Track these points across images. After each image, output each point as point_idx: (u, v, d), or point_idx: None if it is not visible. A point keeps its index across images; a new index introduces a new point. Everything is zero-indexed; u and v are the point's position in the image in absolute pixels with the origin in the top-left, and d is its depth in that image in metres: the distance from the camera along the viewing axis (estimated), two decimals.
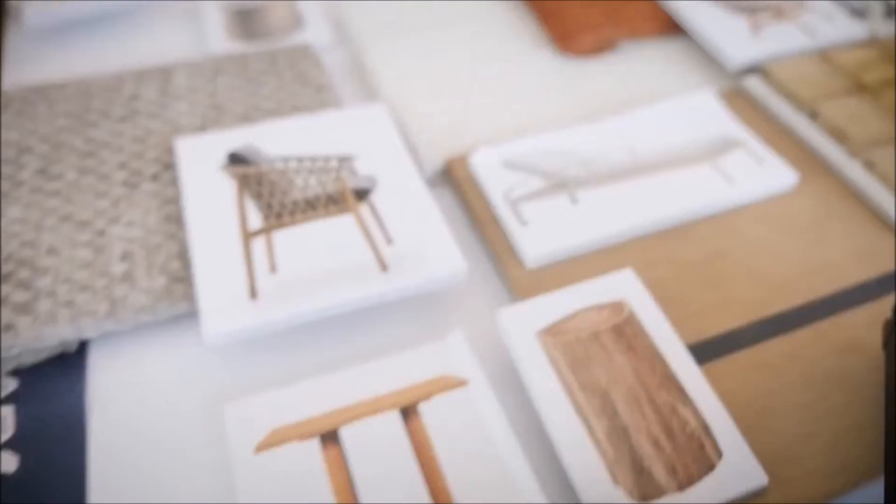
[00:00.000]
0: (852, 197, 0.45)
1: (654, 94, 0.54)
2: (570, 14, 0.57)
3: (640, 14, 0.58)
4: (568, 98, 0.53)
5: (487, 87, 0.54)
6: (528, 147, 0.47)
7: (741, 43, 0.54)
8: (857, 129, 0.47)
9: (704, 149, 0.47)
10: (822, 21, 0.57)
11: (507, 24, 0.60)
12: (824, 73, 0.52)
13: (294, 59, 0.54)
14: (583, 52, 0.56)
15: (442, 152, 0.48)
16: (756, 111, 0.52)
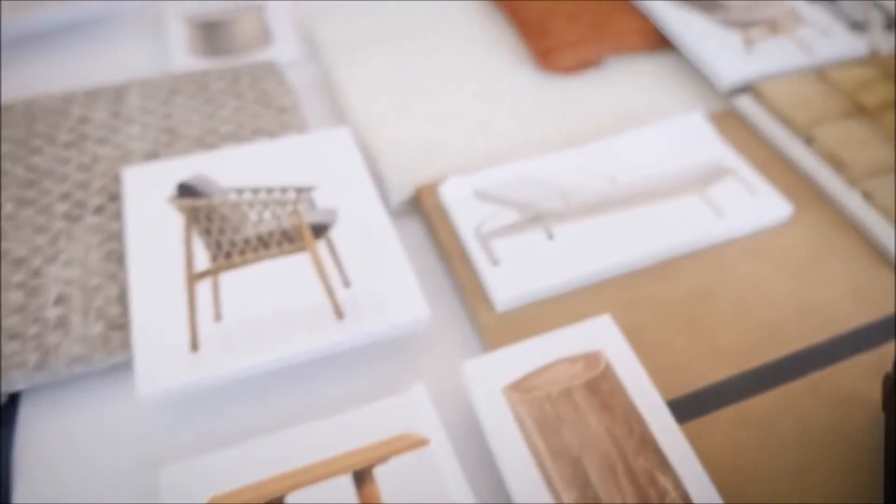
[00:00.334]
0: (850, 230, 0.42)
1: (641, 114, 0.50)
2: (552, 28, 0.54)
3: (627, 28, 0.54)
4: (548, 119, 0.50)
5: (463, 107, 0.50)
6: (502, 175, 0.44)
7: (733, 60, 0.51)
8: (855, 157, 0.44)
9: (692, 177, 0.44)
10: (819, 36, 0.54)
11: (486, 38, 0.56)
12: (821, 93, 0.49)
13: (257, 76, 0.51)
14: (565, 69, 0.53)
15: (411, 180, 0.45)
16: (748, 133, 0.48)
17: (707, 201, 0.42)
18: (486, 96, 0.51)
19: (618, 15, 0.56)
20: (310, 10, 0.60)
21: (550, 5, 0.56)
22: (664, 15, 0.55)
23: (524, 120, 0.50)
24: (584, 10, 0.56)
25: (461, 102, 0.51)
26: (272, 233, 0.39)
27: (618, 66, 0.54)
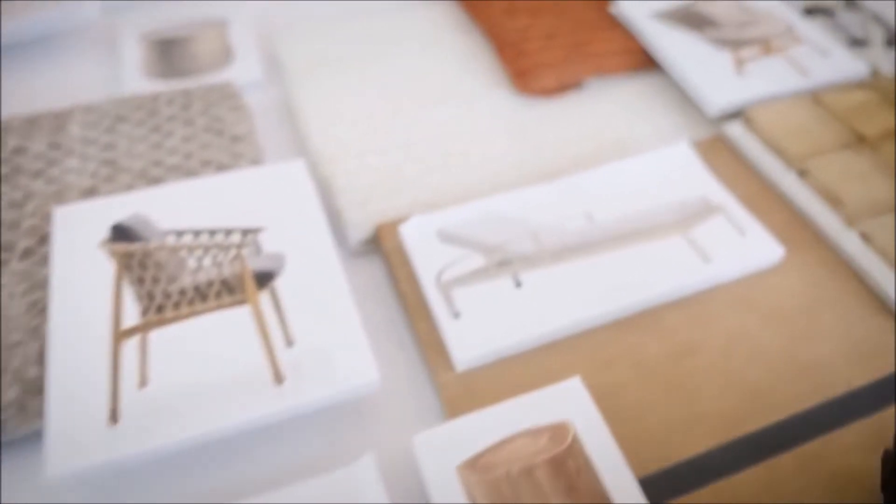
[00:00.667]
0: (847, 275, 0.39)
1: (624, 141, 0.47)
2: (529, 48, 0.50)
3: (609, 48, 0.51)
4: (523, 147, 0.46)
5: (432, 135, 0.47)
6: (470, 213, 0.40)
7: (722, 83, 0.48)
8: (852, 194, 0.40)
9: (676, 216, 0.40)
10: (816, 55, 0.51)
11: (461, 58, 0.53)
12: (816, 119, 0.45)
13: (212, 100, 0.47)
14: (542, 92, 0.49)
15: (372, 217, 0.42)
16: (738, 163, 0.45)
17: (692, 243, 0.39)
18: (457, 122, 0.48)
19: (600, 33, 0.52)
20: (275, 27, 0.56)
21: (528, 23, 0.52)
22: (650, 33, 0.51)
23: (498, 148, 0.46)
24: (563, 28, 0.52)
25: (430, 129, 0.47)
26: (211, 282, 0.35)
27: (599, 89, 0.51)
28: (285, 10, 0.59)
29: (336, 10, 0.59)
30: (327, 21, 0.56)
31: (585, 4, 0.55)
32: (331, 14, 0.58)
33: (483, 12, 0.54)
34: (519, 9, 0.54)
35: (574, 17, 0.53)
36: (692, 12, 0.53)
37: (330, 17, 0.58)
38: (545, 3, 0.54)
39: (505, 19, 0.53)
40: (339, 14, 0.58)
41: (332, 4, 0.60)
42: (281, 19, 0.58)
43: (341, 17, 0.57)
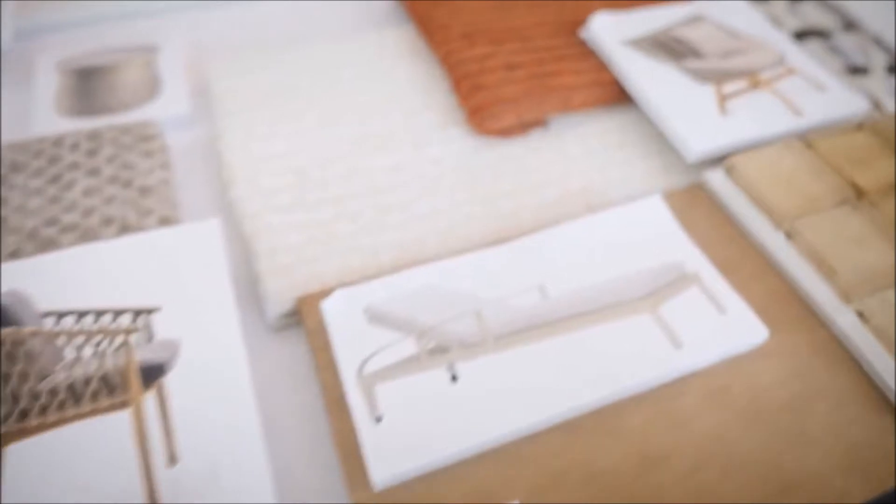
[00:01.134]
0: (841, 362, 0.33)
1: (591, 188, 0.41)
2: (487, 81, 0.45)
3: (579, 81, 0.45)
4: (476, 199, 0.41)
5: (371, 184, 0.41)
6: (405, 285, 0.35)
7: (703, 124, 0.42)
8: (847, 263, 0.35)
9: (645, 288, 0.35)
10: (809, 90, 0.45)
11: (412, 92, 0.47)
12: (808, 168, 0.40)
13: (125, 144, 0.42)
14: (501, 132, 0.44)
15: (295, 286, 0.36)
16: (719, 218, 0.39)
17: (662, 324, 0.33)
18: (402, 170, 0.42)
19: (568, 63, 0.46)
20: (212, 53, 0.51)
21: (488, 51, 0.47)
22: (622, 63, 0.45)
23: (445, 201, 0.41)
24: (527, 57, 0.46)
25: (370, 179, 0.42)
26: (88, 379, 0.30)
27: (566, 127, 0.45)
28: (223, 34, 0.53)
29: (281, 32, 0.53)
30: (267, 47, 0.50)
31: (553, 28, 0.49)
32: (274, 38, 0.53)
33: (440, 37, 0.48)
34: (479, 33, 0.48)
35: (540, 43, 0.48)
36: (671, 38, 0.48)
37: (272, 41, 0.52)
38: (509, 25, 0.49)
39: (463, 46, 0.47)
40: (284, 38, 0.52)
41: (277, 26, 0.54)
42: (219, 44, 0.52)
43: (285, 42, 0.51)
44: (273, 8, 0.56)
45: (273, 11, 0.55)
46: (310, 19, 0.55)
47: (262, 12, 0.55)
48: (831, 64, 0.52)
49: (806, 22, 0.55)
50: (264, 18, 0.55)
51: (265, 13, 0.55)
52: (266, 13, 0.55)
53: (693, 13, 0.50)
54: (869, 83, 0.50)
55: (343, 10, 0.56)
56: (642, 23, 0.49)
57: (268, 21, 0.54)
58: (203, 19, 0.54)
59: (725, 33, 0.49)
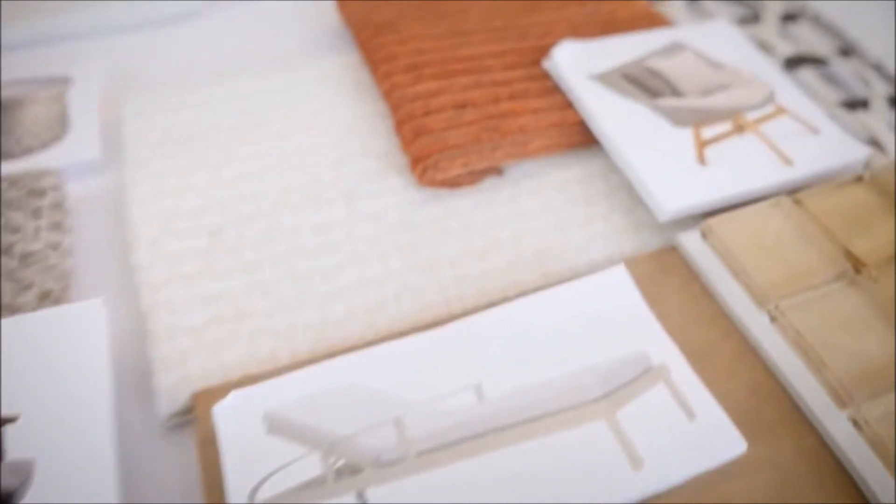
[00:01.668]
0: (832, 474, 0.28)
1: (548, 252, 0.36)
2: (433, 123, 0.39)
3: (540, 122, 0.40)
4: (414, 266, 0.35)
5: (292, 249, 0.36)
6: (318, 382, 0.29)
7: (679, 177, 0.36)
8: (841, 358, 0.29)
9: (601, 387, 0.29)
10: (802, 134, 0.39)
11: (349, 134, 0.42)
12: (797, 232, 0.34)
13: (10, 200, 0.36)
14: (447, 184, 0.38)
15: (193, 378, 0.31)
16: (694, 290, 0.34)
17: (620, 435, 0.28)
18: (329, 231, 0.37)
19: (528, 101, 0.41)
20: (130, 89, 0.45)
21: (435, 86, 0.41)
22: (589, 102, 0.40)
23: (377, 270, 0.35)
24: (480, 93, 0.41)
25: (291, 242, 0.36)
26: None
27: (524, 175, 0.40)
28: (148, 63, 0.48)
29: (214, 61, 0.48)
30: (192, 80, 0.45)
31: (513, 58, 0.44)
32: (205, 68, 0.47)
33: (384, 69, 0.43)
34: (428, 65, 0.42)
35: (497, 77, 0.42)
36: (645, 71, 0.42)
37: (202, 71, 0.47)
38: (463, 54, 0.43)
39: (407, 80, 0.41)
40: (217, 67, 0.47)
41: (210, 54, 0.49)
42: (141, 74, 0.47)
43: (217, 73, 0.46)
44: (208, 33, 0.50)
45: (208, 37, 0.50)
46: (248, 46, 0.49)
47: (196, 38, 0.50)
48: (827, 96, 0.46)
49: (800, 47, 0.50)
50: (198, 44, 0.49)
51: (199, 39, 0.50)
52: (200, 39, 0.50)
53: (672, 41, 0.45)
54: (869, 119, 0.45)
55: (285, 36, 0.50)
56: (614, 52, 0.43)
57: (200, 48, 0.49)
58: (126, 45, 0.49)
59: (708, 64, 0.43)
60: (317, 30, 0.51)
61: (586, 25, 0.46)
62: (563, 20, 0.47)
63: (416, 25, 0.46)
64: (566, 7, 0.48)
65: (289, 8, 0.53)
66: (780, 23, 0.53)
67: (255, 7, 0.52)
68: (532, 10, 0.48)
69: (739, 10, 0.54)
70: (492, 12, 0.47)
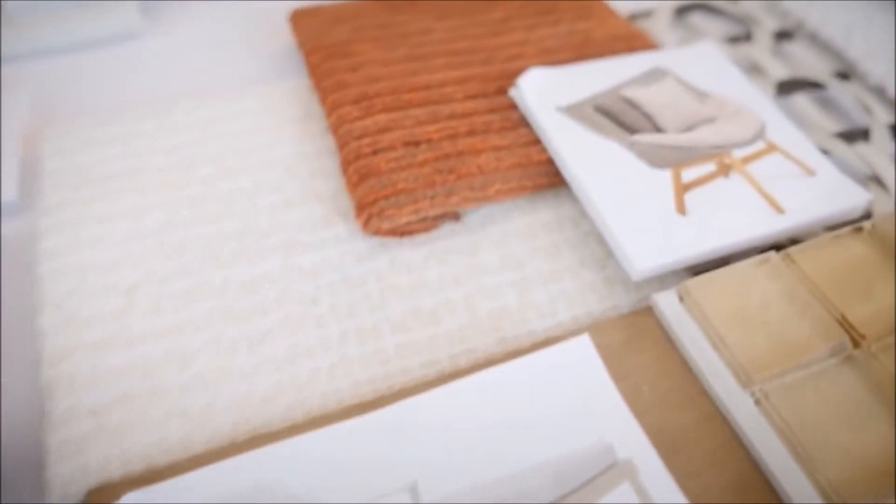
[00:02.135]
0: None
1: (506, 314, 0.32)
2: (381, 163, 0.35)
3: (501, 162, 0.35)
4: (355, 331, 0.31)
5: (213, 310, 0.32)
6: (224, 483, 0.25)
7: (655, 228, 0.32)
8: (834, 455, 0.25)
9: (554, 490, 0.25)
10: (795, 176, 0.35)
11: (294, 172, 0.37)
12: (786, 298, 0.30)
13: None
14: (394, 233, 0.34)
15: (92, 469, 0.27)
16: (671, 361, 0.30)
17: None
18: (264, 286, 0.33)
19: (489, 136, 0.36)
20: (58, 120, 0.41)
21: (386, 120, 0.37)
22: (557, 139, 0.35)
23: (313, 335, 0.31)
24: (436, 127, 0.36)
25: (220, 299, 0.32)
26: None
27: (484, 220, 0.36)
28: (81, 90, 0.44)
29: (155, 88, 0.44)
30: (124, 110, 0.41)
31: (477, 85, 0.39)
32: (139, 95, 0.43)
33: (334, 99, 0.38)
34: (380, 95, 0.38)
35: (457, 108, 0.38)
36: (621, 102, 0.38)
37: (138, 100, 0.42)
38: (422, 82, 0.39)
39: (355, 113, 0.37)
40: (151, 95, 0.43)
41: (152, 79, 0.44)
42: (72, 103, 0.43)
43: (150, 101, 0.42)
44: (147, 56, 0.46)
45: (146, 60, 0.46)
46: (190, 69, 0.45)
47: (134, 61, 0.46)
48: (823, 125, 0.42)
49: (794, 70, 0.46)
50: (134, 68, 0.45)
51: (136, 62, 0.46)
52: (137, 62, 0.45)
53: (653, 65, 0.40)
54: (869, 151, 0.40)
55: (233, 58, 0.46)
56: (587, 80, 0.39)
57: (137, 72, 0.45)
58: (56, 69, 0.45)
59: (692, 93, 0.39)
60: (270, 51, 0.47)
61: (559, 48, 0.42)
62: (534, 42, 0.43)
63: (370, 48, 0.41)
64: (537, 27, 0.44)
65: (240, 26, 0.48)
66: (774, 41, 0.48)
67: (203, 25, 0.48)
68: (500, 30, 0.43)
69: (730, 26, 0.50)
70: (456, 33, 0.43)
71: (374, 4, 0.46)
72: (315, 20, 0.44)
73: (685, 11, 0.51)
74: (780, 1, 0.52)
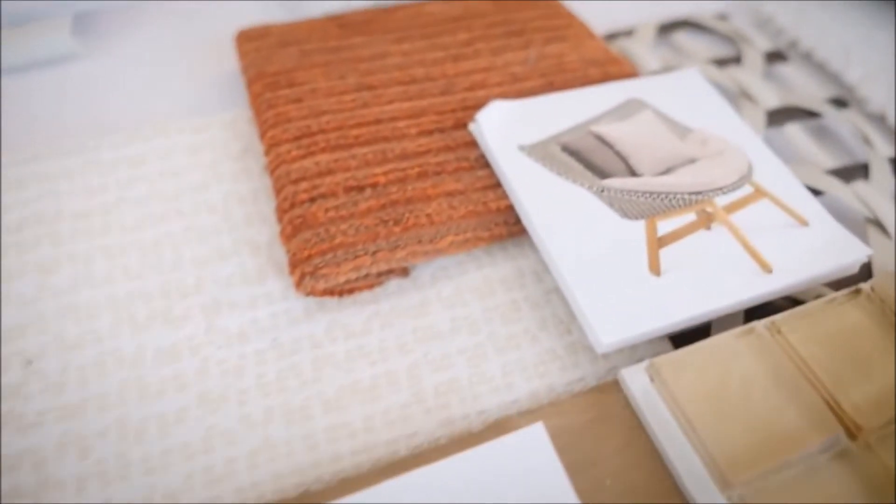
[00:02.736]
0: None
1: (457, 389, 0.28)
2: (319, 212, 0.31)
3: (455, 210, 0.31)
4: (282, 411, 0.28)
5: (129, 386, 0.28)
6: None
7: (625, 293, 0.28)
8: None
9: None
10: (786, 226, 0.31)
11: (227, 219, 0.34)
12: (772, 378, 0.26)
13: None
14: (334, 293, 0.30)
15: None
16: (639, 447, 0.26)
17: None
18: (182, 354, 0.29)
19: (442, 179, 0.33)
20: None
21: (329, 160, 0.33)
22: (518, 185, 0.32)
23: (234, 416, 0.27)
24: (383, 170, 0.33)
25: (129, 375, 0.28)
26: None
27: (435, 275, 0.32)
28: (3, 120, 0.40)
29: (80, 117, 0.40)
30: (46, 144, 0.37)
31: (430, 120, 0.35)
32: (68, 126, 0.39)
33: (273, 135, 0.35)
34: (322, 132, 0.34)
35: (409, 146, 0.34)
36: (591, 140, 0.34)
37: (61, 132, 0.39)
38: (372, 115, 0.35)
39: (294, 152, 0.33)
40: (81, 127, 0.39)
41: (78, 107, 0.40)
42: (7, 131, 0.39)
43: (78, 133, 0.38)
44: (82, 80, 0.42)
45: (81, 86, 0.42)
46: (128, 96, 0.41)
47: (68, 86, 0.42)
48: (818, 159, 0.38)
49: (787, 97, 0.42)
50: (67, 95, 0.41)
51: (70, 88, 0.42)
52: (71, 88, 0.42)
53: (630, 97, 0.36)
54: (868, 191, 0.37)
55: (176, 85, 0.42)
56: (557, 113, 0.35)
57: (69, 100, 0.41)
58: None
59: (672, 129, 0.35)
60: (215, 76, 0.43)
61: (527, 75, 0.38)
62: (500, 68, 0.39)
63: (318, 75, 0.37)
64: (504, 50, 0.40)
65: (187, 46, 0.44)
66: (766, 63, 0.44)
67: (146, 45, 0.44)
68: (462, 55, 0.39)
69: (719, 46, 0.46)
70: (414, 58, 0.39)
71: (328, 23, 0.42)
72: (261, 42, 0.40)
73: (670, 30, 0.47)
74: (772, 18, 0.48)
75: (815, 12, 0.48)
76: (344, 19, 0.42)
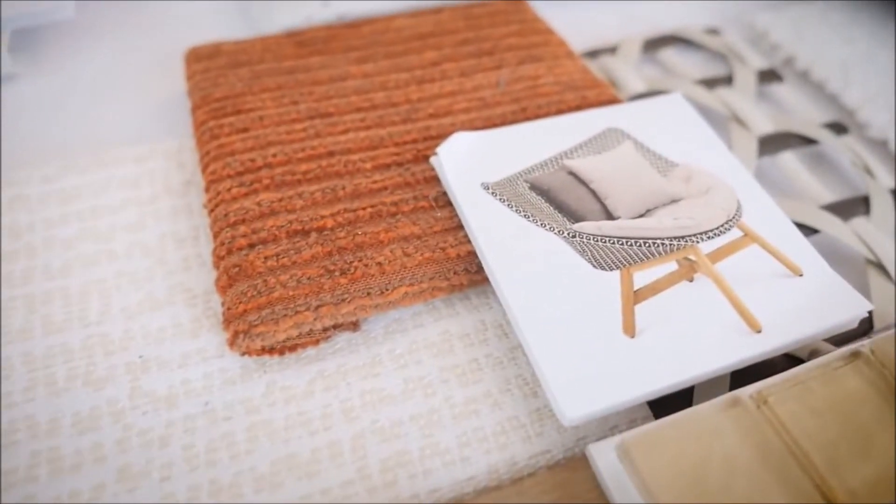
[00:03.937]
0: None
1: (407, 462, 0.25)
2: (255, 264, 0.28)
3: (410, 258, 0.28)
4: (210, 488, 0.25)
5: (41, 458, 0.25)
6: None
7: (595, 359, 0.25)
8: None
9: None
10: (776, 276, 0.28)
11: (163, 265, 0.31)
12: (757, 458, 0.23)
13: None
14: (273, 352, 0.27)
15: None
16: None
17: None
18: (103, 420, 0.26)
19: (398, 221, 0.30)
20: None
21: (272, 200, 0.30)
22: (478, 228, 0.29)
23: (153, 499, 0.24)
24: (331, 211, 0.29)
25: (42, 443, 0.25)
26: None
27: (388, 329, 0.29)
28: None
29: (13, 147, 0.37)
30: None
31: (388, 153, 0.32)
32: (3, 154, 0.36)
33: (212, 169, 0.31)
34: (268, 166, 0.31)
35: (362, 183, 0.31)
36: (563, 176, 0.31)
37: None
38: (318, 149, 0.32)
39: (235, 190, 0.30)
40: (13, 158, 0.36)
41: (13, 134, 0.37)
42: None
43: (10, 166, 0.35)
44: (19, 104, 0.39)
45: (17, 110, 0.39)
46: (66, 122, 0.38)
47: (4, 110, 0.39)
48: (815, 193, 0.35)
49: (782, 121, 0.38)
50: (2, 118, 0.38)
51: (5, 115, 0.39)
52: (6, 114, 0.38)
53: (608, 125, 0.33)
54: (869, 228, 0.34)
55: (119, 110, 0.39)
56: (526, 145, 0.32)
57: (3, 127, 0.38)
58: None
59: (654, 163, 0.32)
60: (161, 99, 0.39)
61: (497, 101, 0.35)
62: (468, 92, 0.36)
63: (268, 101, 0.34)
64: (474, 72, 0.37)
65: (134, 66, 0.41)
66: (759, 82, 0.41)
67: (90, 65, 0.41)
68: (428, 77, 0.36)
69: (709, 64, 0.43)
70: (375, 80, 0.36)
71: (284, 40, 0.39)
72: (210, 63, 0.37)
73: (656, 45, 0.44)
74: (767, 33, 0.45)
75: (813, 27, 0.44)
76: (303, 36, 0.39)
